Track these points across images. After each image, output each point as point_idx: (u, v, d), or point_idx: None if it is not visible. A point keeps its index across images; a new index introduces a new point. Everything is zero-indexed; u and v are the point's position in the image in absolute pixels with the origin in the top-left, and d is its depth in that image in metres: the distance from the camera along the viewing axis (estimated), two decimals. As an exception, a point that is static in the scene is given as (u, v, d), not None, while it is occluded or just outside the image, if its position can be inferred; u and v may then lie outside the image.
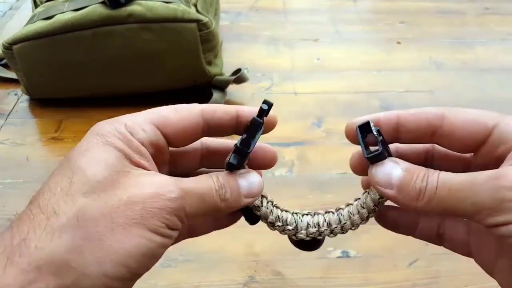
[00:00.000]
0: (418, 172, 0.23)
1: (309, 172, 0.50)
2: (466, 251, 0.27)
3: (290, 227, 0.27)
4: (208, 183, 0.24)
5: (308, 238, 0.27)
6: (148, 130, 0.24)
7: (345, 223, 0.27)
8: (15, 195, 0.47)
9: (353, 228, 0.27)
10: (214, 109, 0.25)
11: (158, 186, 0.22)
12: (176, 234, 0.22)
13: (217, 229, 0.29)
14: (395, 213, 0.28)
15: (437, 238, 0.27)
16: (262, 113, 0.25)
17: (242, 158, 0.25)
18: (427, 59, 0.72)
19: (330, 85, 0.65)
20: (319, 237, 0.28)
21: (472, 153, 0.26)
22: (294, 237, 0.28)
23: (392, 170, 0.24)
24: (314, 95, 0.63)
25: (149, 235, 0.21)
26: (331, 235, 0.27)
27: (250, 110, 0.26)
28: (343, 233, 0.27)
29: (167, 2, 0.55)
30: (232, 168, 0.25)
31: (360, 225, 0.28)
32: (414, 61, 0.71)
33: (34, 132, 0.57)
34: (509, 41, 0.77)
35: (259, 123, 0.25)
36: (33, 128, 0.57)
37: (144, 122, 0.24)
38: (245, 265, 0.40)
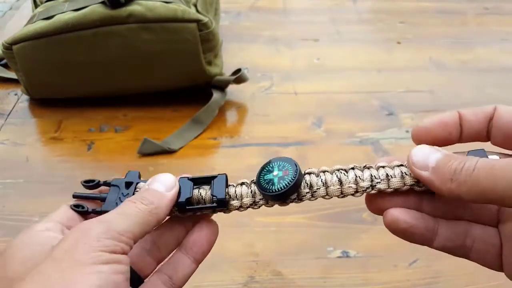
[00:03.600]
0: (457, 156, 0.23)
1: (309, 172, 0.50)
2: (496, 263, 0.25)
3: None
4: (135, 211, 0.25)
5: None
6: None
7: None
8: (15, 195, 0.47)
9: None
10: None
11: None
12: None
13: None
14: (408, 217, 0.26)
15: (461, 249, 0.26)
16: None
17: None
18: (427, 59, 0.72)
19: (330, 85, 0.65)
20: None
21: None
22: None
23: (431, 153, 0.24)
24: (314, 95, 0.63)
25: None
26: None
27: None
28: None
29: (167, 2, 0.55)
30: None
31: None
32: (414, 61, 0.71)
33: (34, 132, 0.57)
34: (508, 41, 0.77)
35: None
36: (33, 128, 0.57)
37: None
38: (245, 265, 0.40)
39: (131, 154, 0.52)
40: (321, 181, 0.27)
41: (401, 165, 0.27)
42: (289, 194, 0.27)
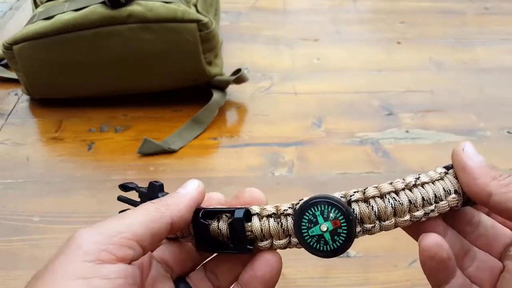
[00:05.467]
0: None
1: (309, 172, 0.50)
2: None
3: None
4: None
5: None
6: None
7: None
8: (16, 195, 0.47)
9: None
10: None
11: None
12: None
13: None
14: (448, 248, 0.24)
15: None
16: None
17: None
18: (427, 59, 0.72)
19: (330, 85, 0.65)
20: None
21: None
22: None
23: (479, 155, 0.24)
24: (314, 95, 0.63)
25: None
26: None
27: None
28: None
29: (167, 2, 0.55)
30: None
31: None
32: (414, 61, 0.71)
33: (34, 132, 0.57)
34: (509, 41, 0.77)
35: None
36: (33, 128, 0.57)
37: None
38: (245, 265, 0.40)
39: (131, 154, 0.52)
40: (374, 214, 0.23)
41: (440, 178, 0.25)
42: (346, 250, 0.23)
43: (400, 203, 0.23)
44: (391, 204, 0.23)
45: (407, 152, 0.52)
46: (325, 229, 0.23)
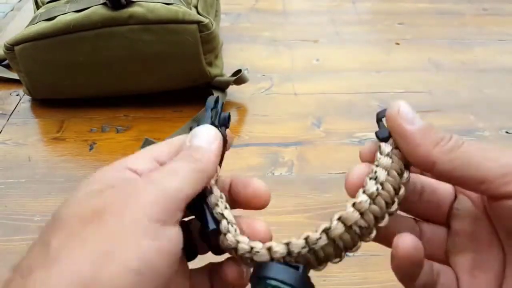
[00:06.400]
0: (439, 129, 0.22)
1: (308, 172, 0.51)
2: None
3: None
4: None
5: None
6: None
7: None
8: (17, 195, 0.48)
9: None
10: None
11: None
12: None
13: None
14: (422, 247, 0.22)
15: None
16: None
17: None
18: (426, 60, 0.72)
19: (330, 85, 0.66)
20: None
21: None
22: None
23: (417, 116, 0.22)
24: (314, 95, 0.63)
25: None
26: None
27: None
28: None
29: (168, 4, 0.55)
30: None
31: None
32: (413, 61, 0.72)
33: (36, 132, 0.57)
34: (507, 41, 0.77)
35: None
36: (35, 128, 0.58)
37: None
38: (245, 263, 0.41)
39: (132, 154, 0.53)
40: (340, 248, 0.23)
41: (391, 162, 0.23)
42: None
43: (366, 227, 0.23)
44: (358, 234, 0.23)
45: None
46: None
